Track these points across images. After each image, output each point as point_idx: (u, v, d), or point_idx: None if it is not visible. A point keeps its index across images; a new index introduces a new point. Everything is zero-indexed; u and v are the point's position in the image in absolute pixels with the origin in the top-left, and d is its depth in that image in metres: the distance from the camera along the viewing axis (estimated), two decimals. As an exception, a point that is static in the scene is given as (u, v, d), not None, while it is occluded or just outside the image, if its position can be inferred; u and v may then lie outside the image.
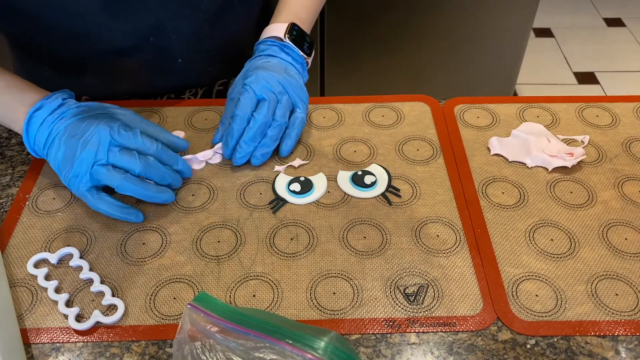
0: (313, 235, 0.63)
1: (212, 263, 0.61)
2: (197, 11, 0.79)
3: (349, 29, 1.70)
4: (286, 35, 0.77)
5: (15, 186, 0.70)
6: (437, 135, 0.76)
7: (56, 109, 0.65)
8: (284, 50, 0.76)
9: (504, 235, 0.63)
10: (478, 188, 0.68)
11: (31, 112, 0.64)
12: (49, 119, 0.64)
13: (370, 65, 1.78)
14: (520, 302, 0.57)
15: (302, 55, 0.77)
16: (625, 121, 0.78)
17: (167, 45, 0.80)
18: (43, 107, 0.65)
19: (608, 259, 0.61)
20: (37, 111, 0.65)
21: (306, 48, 0.78)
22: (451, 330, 0.55)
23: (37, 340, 0.55)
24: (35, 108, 0.64)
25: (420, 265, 0.60)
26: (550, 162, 0.70)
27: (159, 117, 0.79)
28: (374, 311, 0.57)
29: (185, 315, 0.49)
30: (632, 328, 0.55)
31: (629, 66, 2.40)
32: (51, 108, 0.65)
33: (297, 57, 0.77)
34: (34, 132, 0.64)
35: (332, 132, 0.76)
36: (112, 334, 0.55)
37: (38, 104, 0.65)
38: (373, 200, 0.67)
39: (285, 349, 0.46)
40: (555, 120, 0.78)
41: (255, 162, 0.70)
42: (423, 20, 1.68)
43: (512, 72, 1.84)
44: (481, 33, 1.73)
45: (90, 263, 0.61)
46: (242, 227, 0.64)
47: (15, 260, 0.61)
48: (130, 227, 0.64)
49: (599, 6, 2.77)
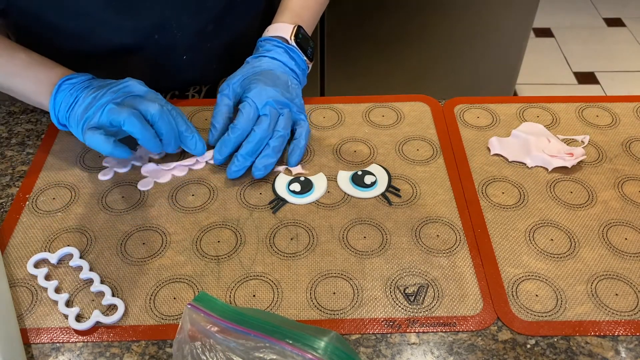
0: (313, 235, 0.63)
1: (212, 263, 0.61)
2: (202, 9, 0.79)
3: (349, 29, 1.69)
4: (292, 37, 0.76)
5: (15, 186, 0.70)
6: (437, 135, 0.76)
7: (85, 80, 0.69)
8: (289, 54, 0.76)
9: (504, 235, 0.63)
10: (478, 188, 0.68)
11: (62, 80, 0.68)
12: (79, 87, 0.68)
13: (370, 65, 1.78)
14: (520, 302, 0.57)
15: (305, 60, 0.77)
16: (625, 121, 0.78)
17: (171, 43, 0.80)
18: (74, 77, 0.69)
19: (608, 259, 0.61)
20: (69, 80, 0.68)
21: (309, 53, 0.78)
22: (451, 330, 0.55)
23: (37, 340, 0.55)
24: (66, 78, 0.68)
25: (420, 265, 0.60)
26: (550, 162, 0.70)
27: (159, 117, 0.79)
28: (374, 311, 0.57)
29: (185, 315, 0.49)
30: (632, 328, 0.55)
31: (629, 66, 2.40)
32: (81, 79, 0.69)
33: (300, 62, 0.76)
34: (62, 98, 0.68)
35: (332, 132, 0.76)
36: (112, 334, 0.55)
37: (69, 75, 0.69)
38: (373, 200, 0.67)
39: (286, 349, 0.46)
40: (555, 120, 0.78)
41: (258, 174, 0.68)
42: (423, 20, 1.68)
43: (512, 72, 1.84)
44: (481, 33, 1.73)
45: (90, 263, 0.61)
46: (242, 227, 0.64)
47: (15, 260, 0.61)
48: (130, 227, 0.64)
49: (599, 6, 2.77)
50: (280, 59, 0.75)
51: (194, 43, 0.81)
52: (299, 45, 0.76)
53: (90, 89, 0.67)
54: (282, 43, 0.76)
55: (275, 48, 0.75)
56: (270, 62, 0.74)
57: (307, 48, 0.77)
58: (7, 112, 0.81)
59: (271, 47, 0.76)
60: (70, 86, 0.68)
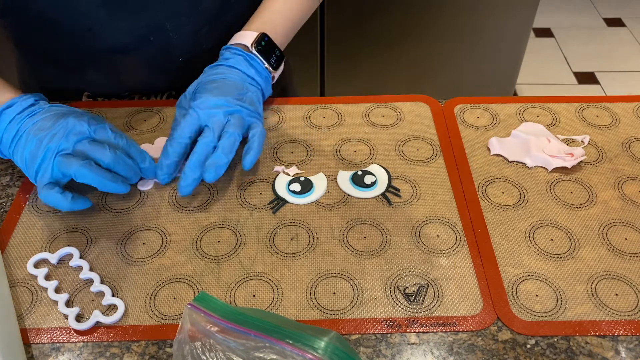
0: (313, 235, 0.63)
1: (212, 263, 0.61)
2: (197, 11, 0.79)
3: (349, 29, 1.70)
4: (253, 46, 0.74)
5: (15, 186, 0.70)
6: (437, 135, 0.76)
7: (27, 107, 0.65)
8: (248, 61, 0.74)
9: (504, 235, 0.63)
10: (478, 188, 0.68)
11: (1, 109, 0.64)
12: (18, 118, 0.64)
13: (370, 65, 1.78)
14: (520, 302, 0.57)
15: (266, 68, 0.75)
16: (625, 121, 0.78)
17: (167, 44, 0.80)
18: (14, 105, 0.65)
19: (608, 259, 0.61)
20: (8, 109, 0.65)
21: (273, 61, 0.75)
22: (451, 330, 0.55)
23: (37, 340, 0.55)
24: (5, 106, 0.65)
25: (420, 265, 0.60)
26: (550, 162, 0.70)
27: (159, 117, 0.79)
28: (374, 311, 0.57)
29: (186, 315, 0.49)
30: (632, 328, 0.55)
31: (629, 66, 2.41)
32: (22, 107, 0.65)
33: (261, 70, 0.74)
34: (2, 130, 0.64)
35: (332, 132, 0.76)
36: (112, 334, 0.55)
37: (9, 102, 0.65)
38: (373, 200, 0.67)
39: (286, 348, 0.46)
40: (555, 120, 0.78)
41: (208, 177, 0.64)
42: (423, 20, 1.69)
43: (512, 72, 1.84)
44: (481, 33, 1.73)
45: (90, 263, 0.61)
46: (242, 227, 0.64)
47: (15, 260, 0.61)
48: (130, 227, 0.64)
49: (599, 6, 2.77)
50: (238, 66, 0.73)
51: (190, 44, 0.81)
52: (261, 53, 0.74)
53: (33, 123, 0.63)
54: (241, 51, 0.74)
55: (235, 56, 0.74)
56: (226, 70, 0.72)
57: (271, 56, 0.75)
58: (7, 112, 0.81)
59: (230, 55, 0.74)
60: (8, 116, 0.64)
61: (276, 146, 0.74)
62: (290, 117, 0.79)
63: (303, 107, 0.80)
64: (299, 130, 0.77)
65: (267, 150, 0.74)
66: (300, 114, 0.79)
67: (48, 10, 0.72)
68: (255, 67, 0.74)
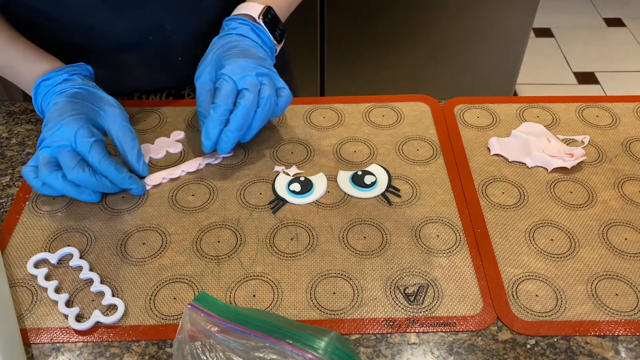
0: (313, 235, 0.63)
1: (212, 263, 0.61)
2: (196, 11, 0.79)
3: (349, 29, 1.69)
4: (260, 17, 0.74)
5: (15, 186, 0.70)
6: (437, 135, 0.76)
7: (60, 83, 0.70)
8: (255, 32, 0.74)
9: (504, 235, 0.63)
10: (478, 188, 0.68)
11: (39, 80, 0.70)
12: (53, 90, 0.70)
13: (370, 65, 1.78)
14: (520, 302, 0.57)
15: (272, 40, 0.75)
16: (625, 121, 0.78)
17: (166, 44, 0.80)
18: (50, 79, 0.70)
19: (608, 259, 0.61)
20: (45, 81, 0.70)
21: (277, 34, 0.76)
22: (451, 330, 0.55)
23: (37, 340, 0.55)
24: (43, 78, 0.70)
25: (420, 265, 0.60)
26: (550, 162, 0.70)
27: (159, 117, 0.79)
28: (374, 311, 0.57)
29: (186, 315, 0.49)
30: (632, 328, 0.55)
31: (629, 66, 2.40)
32: (56, 81, 0.70)
33: (267, 40, 0.74)
34: (40, 99, 0.71)
35: (332, 132, 0.76)
36: (112, 334, 0.55)
37: (46, 75, 0.71)
38: (373, 200, 0.67)
39: (286, 348, 0.46)
40: (555, 120, 0.78)
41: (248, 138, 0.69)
42: (423, 21, 1.68)
43: (512, 72, 1.84)
44: (481, 33, 1.73)
45: (90, 263, 0.61)
46: (242, 227, 0.64)
47: (15, 260, 0.61)
48: (130, 227, 0.64)
49: (599, 6, 2.77)
50: (248, 35, 0.73)
51: (190, 44, 0.81)
52: (267, 26, 0.74)
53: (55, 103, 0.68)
54: (248, 21, 0.74)
55: (241, 26, 0.73)
56: (238, 38, 0.73)
57: (275, 29, 0.76)
58: (7, 112, 0.81)
59: (237, 25, 0.74)
60: (45, 88, 0.70)
61: (276, 146, 0.74)
62: (290, 117, 0.79)
63: (303, 107, 0.80)
64: (299, 130, 0.77)
65: (267, 150, 0.74)
66: (300, 114, 0.79)
67: (49, 9, 0.73)
68: (262, 38, 0.74)
